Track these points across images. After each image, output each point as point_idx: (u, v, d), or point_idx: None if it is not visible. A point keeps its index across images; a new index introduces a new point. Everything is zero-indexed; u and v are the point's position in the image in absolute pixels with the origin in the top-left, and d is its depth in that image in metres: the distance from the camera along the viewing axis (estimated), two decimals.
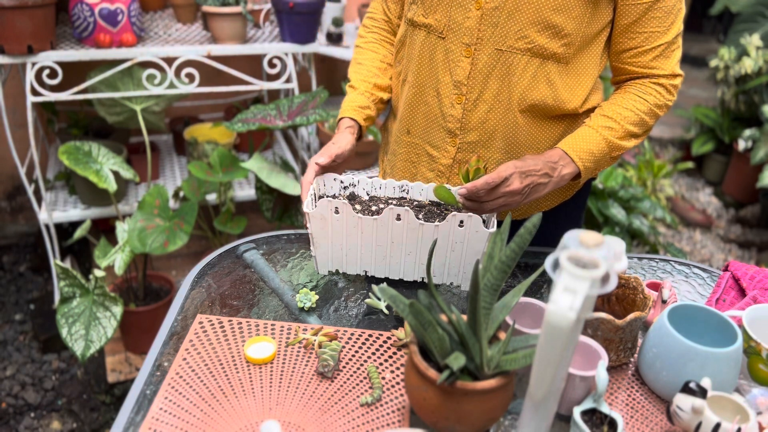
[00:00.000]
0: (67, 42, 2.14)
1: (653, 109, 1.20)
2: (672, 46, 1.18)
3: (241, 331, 1.09)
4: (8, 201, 2.86)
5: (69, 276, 1.85)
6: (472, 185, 1.07)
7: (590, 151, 1.17)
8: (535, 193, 1.14)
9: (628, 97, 1.20)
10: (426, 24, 1.22)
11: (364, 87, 1.32)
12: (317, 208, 1.13)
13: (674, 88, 1.22)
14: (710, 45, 6.12)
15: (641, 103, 1.19)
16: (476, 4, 1.14)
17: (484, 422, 0.84)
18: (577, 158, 1.16)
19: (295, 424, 0.91)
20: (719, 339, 0.99)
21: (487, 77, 1.18)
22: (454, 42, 1.18)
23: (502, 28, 1.14)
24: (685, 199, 3.80)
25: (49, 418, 2.11)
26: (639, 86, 1.21)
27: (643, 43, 1.17)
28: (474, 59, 1.18)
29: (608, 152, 1.19)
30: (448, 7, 1.17)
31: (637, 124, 1.19)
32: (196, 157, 2.46)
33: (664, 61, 1.19)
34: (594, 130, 1.18)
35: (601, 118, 1.19)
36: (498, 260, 0.85)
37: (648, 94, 1.20)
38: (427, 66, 1.24)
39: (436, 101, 1.24)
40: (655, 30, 1.16)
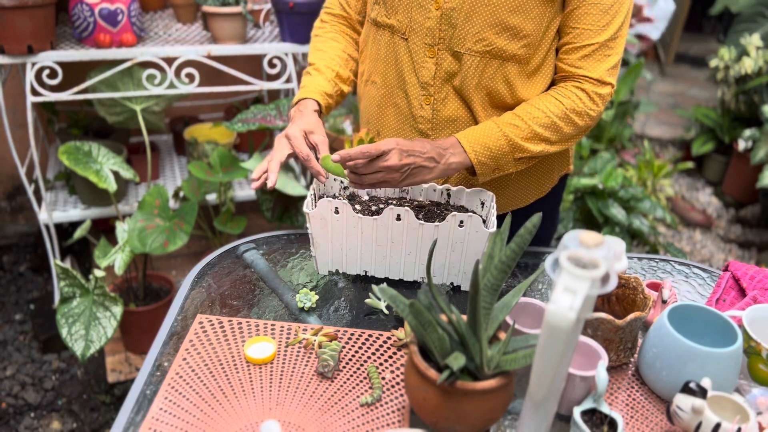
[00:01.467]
0: (67, 42, 2.14)
1: (568, 114, 1.14)
2: (605, 49, 1.13)
3: (241, 331, 1.09)
4: (8, 201, 2.86)
5: (69, 276, 1.85)
6: (345, 152, 1.04)
7: (486, 145, 1.13)
8: (417, 176, 1.10)
9: (544, 98, 1.16)
10: (389, 24, 1.21)
11: (330, 74, 1.27)
12: (317, 208, 1.13)
13: (599, 97, 1.15)
14: (710, 45, 6.13)
15: (556, 105, 1.14)
16: (435, 4, 1.14)
17: (484, 422, 0.84)
18: (471, 149, 1.13)
19: (295, 424, 0.91)
20: (719, 339, 0.99)
21: (450, 78, 1.18)
22: (417, 43, 1.18)
23: (461, 30, 1.14)
24: (685, 199, 3.80)
25: (49, 418, 2.11)
26: (559, 89, 1.17)
27: (574, 39, 1.14)
28: (438, 59, 1.17)
29: (509, 151, 1.14)
30: (408, 8, 1.17)
31: (547, 126, 1.14)
32: (196, 157, 2.46)
33: (592, 63, 1.14)
34: (496, 126, 1.14)
35: (510, 115, 1.16)
36: (498, 260, 0.85)
37: (565, 97, 1.15)
38: (393, 67, 1.23)
39: (405, 102, 1.24)
40: (588, 28, 1.12)
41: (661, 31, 3.53)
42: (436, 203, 1.23)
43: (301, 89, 1.26)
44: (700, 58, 5.73)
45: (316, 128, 1.17)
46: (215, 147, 2.40)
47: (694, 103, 4.72)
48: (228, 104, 2.93)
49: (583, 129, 1.17)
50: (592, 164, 2.81)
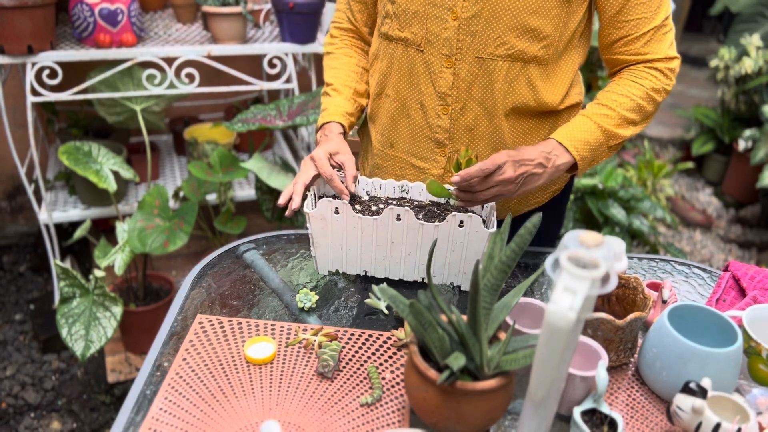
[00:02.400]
0: (67, 42, 2.14)
1: (650, 94, 1.17)
2: (662, 29, 1.16)
3: (241, 331, 1.09)
4: (8, 201, 2.86)
5: (69, 276, 1.85)
6: (465, 172, 1.06)
7: (585, 140, 1.14)
8: (530, 184, 1.12)
9: (623, 83, 1.18)
10: (403, 38, 1.21)
11: (348, 93, 1.30)
12: (317, 208, 1.13)
13: (671, 71, 1.18)
14: (710, 45, 6.12)
15: (637, 88, 1.16)
16: (452, 14, 1.14)
17: (484, 422, 0.84)
18: (572, 148, 1.14)
19: (295, 424, 0.91)
20: (719, 339, 0.99)
21: (470, 85, 1.18)
22: (434, 54, 1.18)
23: (481, 36, 1.14)
24: (685, 199, 3.80)
25: (49, 418, 2.11)
26: (634, 72, 1.18)
27: (632, 31, 1.15)
28: (456, 69, 1.17)
29: (605, 141, 1.16)
30: (424, 20, 1.17)
31: (633, 110, 1.16)
32: (196, 157, 2.46)
33: (656, 46, 1.16)
34: (589, 119, 1.15)
35: (596, 106, 1.17)
36: (498, 260, 0.85)
37: (643, 78, 1.17)
38: (407, 79, 1.23)
39: (420, 114, 1.24)
40: (642, 16, 1.14)
41: None
42: (436, 203, 1.23)
43: (323, 112, 1.28)
44: (700, 58, 5.73)
45: (341, 149, 1.19)
46: (215, 147, 2.40)
47: (694, 103, 4.72)
48: (228, 104, 2.93)
49: (659, 106, 1.20)
50: None
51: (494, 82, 1.17)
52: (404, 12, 1.19)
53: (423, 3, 1.16)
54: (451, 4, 1.13)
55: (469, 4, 1.12)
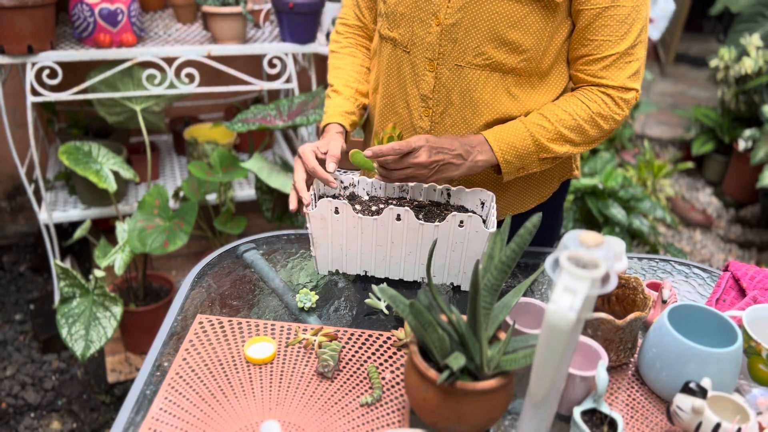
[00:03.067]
0: (67, 42, 2.14)
1: (594, 118, 1.15)
2: (626, 57, 1.13)
3: (241, 331, 1.09)
4: (8, 201, 2.86)
5: (69, 276, 1.85)
6: (378, 148, 1.08)
7: (512, 144, 1.14)
8: (445, 172, 1.13)
9: (571, 101, 1.16)
10: (392, 38, 1.23)
11: (348, 92, 1.30)
12: (317, 208, 1.13)
13: (624, 102, 1.15)
14: (710, 45, 6.13)
15: (582, 108, 1.15)
16: (436, 20, 1.15)
17: (484, 422, 0.84)
18: (497, 148, 1.14)
19: (295, 424, 0.91)
20: (719, 339, 0.99)
21: (450, 91, 1.19)
22: (418, 56, 1.19)
23: (461, 44, 1.15)
24: (685, 199, 3.80)
25: (49, 418, 2.11)
26: (585, 92, 1.16)
27: (594, 51, 1.13)
28: (437, 74, 1.18)
29: (535, 151, 1.15)
30: (410, 22, 1.18)
31: (573, 129, 1.15)
32: (196, 157, 2.46)
33: (614, 72, 1.13)
34: (523, 125, 1.15)
35: (537, 115, 1.16)
36: (498, 260, 0.85)
37: (591, 101, 1.15)
38: (396, 78, 1.25)
39: (406, 112, 1.25)
40: (607, 39, 1.11)
41: (661, 31, 3.53)
42: (436, 203, 1.23)
43: (324, 116, 1.29)
44: (700, 58, 5.73)
45: (331, 145, 1.18)
46: (215, 147, 2.40)
47: (694, 103, 4.72)
48: (228, 104, 2.93)
49: (607, 132, 1.18)
50: (592, 164, 2.81)
51: (473, 90, 1.18)
52: (393, 13, 1.20)
53: (410, 6, 1.17)
54: (435, 10, 1.14)
55: (451, 11, 1.13)
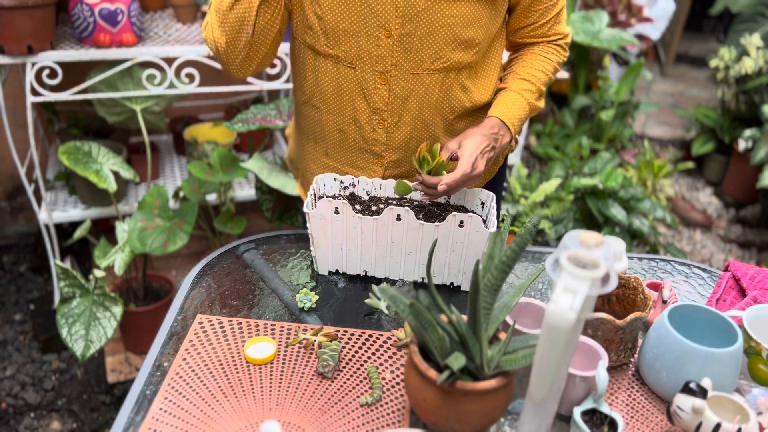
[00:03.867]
0: (67, 42, 2.14)
1: (556, 67, 1.29)
2: (561, 12, 1.26)
3: (241, 331, 1.09)
4: (8, 201, 2.86)
5: (69, 276, 1.85)
6: (452, 180, 1.07)
7: (519, 117, 1.21)
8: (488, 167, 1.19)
9: (536, 58, 1.26)
10: (332, 55, 1.16)
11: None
12: (317, 208, 1.13)
13: (567, 45, 1.31)
14: (710, 45, 6.13)
15: (548, 63, 1.27)
16: (386, 32, 1.11)
17: (484, 422, 0.84)
18: (511, 125, 1.20)
19: (295, 424, 0.91)
20: (719, 339, 0.99)
21: (405, 101, 1.18)
22: (366, 71, 1.15)
23: (416, 53, 1.13)
24: (686, 200, 3.80)
25: (49, 418, 2.11)
26: (542, 48, 1.27)
27: (539, 18, 1.23)
28: (390, 85, 1.16)
29: (529, 113, 1.24)
30: (355, 38, 1.13)
31: (546, 83, 1.27)
32: (196, 157, 2.46)
33: (559, 27, 1.27)
34: (519, 95, 1.22)
35: (520, 81, 1.24)
36: (498, 260, 0.84)
37: (551, 54, 1.27)
38: (338, 95, 1.20)
39: (354, 129, 1.22)
40: (548, 4, 1.22)
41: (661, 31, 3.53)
42: (436, 203, 1.23)
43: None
44: (700, 58, 5.73)
45: None
46: (215, 147, 2.40)
47: (694, 103, 4.72)
48: (228, 104, 2.93)
49: None
50: (592, 164, 2.81)
51: (430, 94, 1.18)
52: (333, 30, 1.13)
53: (354, 20, 1.12)
54: (384, 22, 1.10)
55: (402, 21, 1.10)
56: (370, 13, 1.10)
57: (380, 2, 1.09)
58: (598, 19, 2.96)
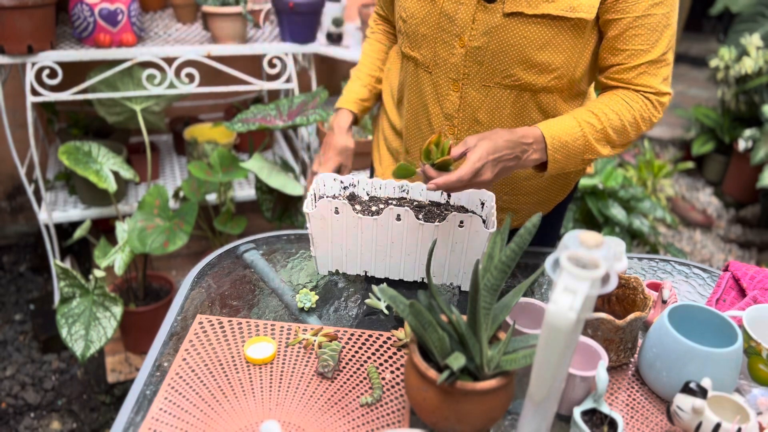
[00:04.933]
0: (67, 42, 2.14)
1: (637, 120, 1.13)
2: (658, 64, 1.11)
3: (241, 331, 1.09)
4: (8, 201, 2.86)
5: (69, 276, 1.85)
6: (443, 181, 1.00)
7: (565, 143, 1.09)
8: (501, 176, 1.07)
9: (615, 100, 1.13)
10: (413, 57, 1.22)
11: (367, 80, 1.37)
12: (317, 208, 1.13)
13: (661, 105, 1.14)
14: (710, 45, 6.13)
15: (627, 109, 1.12)
16: (460, 41, 1.13)
17: (484, 422, 0.84)
18: (551, 146, 1.09)
19: (295, 424, 0.91)
20: (719, 339, 0.99)
21: (476, 110, 1.18)
22: (441, 77, 1.18)
23: (488, 67, 1.13)
24: (686, 200, 3.79)
25: (49, 418, 2.11)
26: (625, 94, 1.13)
27: (626, 60, 1.11)
28: (462, 93, 1.17)
29: (581, 152, 1.11)
30: (433, 44, 1.16)
31: (617, 130, 1.12)
32: (196, 157, 2.46)
33: (648, 79, 1.12)
34: (577, 124, 1.10)
35: (587, 113, 1.12)
36: (498, 260, 0.84)
37: (634, 101, 1.12)
38: (418, 95, 1.24)
39: (429, 130, 1.25)
40: (639, 48, 1.09)
41: None
42: (436, 203, 1.23)
43: (341, 97, 1.37)
44: (700, 58, 5.73)
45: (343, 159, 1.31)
46: (215, 147, 2.40)
47: (695, 103, 4.72)
48: (228, 104, 2.93)
49: (642, 133, 1.17)
50: None
51: (502, 108, 1.17)
52: (414, 33, 1.18)
53: (432, 27, 1.15)
54: (459, 32, 1.12)
55: (477, 34, 1.11)
56: (448, 21, 1.13)
57: (460, 13, 1.11)
58: None
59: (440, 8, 1.13)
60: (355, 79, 1.38)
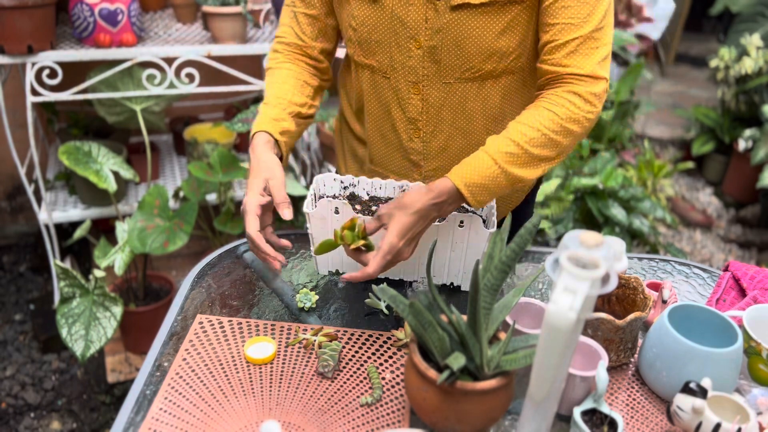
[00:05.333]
0: (67, 42, 2.14)
1: (565, 125, 1.04)
2: (590, 42, 1.03)
3: (241, 331, 1.09)
4: (8, 201, 2.86)
5: (69, 276, 1.85)
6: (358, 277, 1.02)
7: (483, 185, 1.03)
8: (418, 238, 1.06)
9: (537, 112, 1.05)
10: (368, 65, 1.18)
11: (277, 101, 1.19)
12: (317, 208, 1.13)
13: (594, 96, 1.04)
14: (710, 45, 6.12)
15: (550, 119, 1.03)
16: (416, 43, 1.11)
17: (484, 422, 0.84)
18: (468, 193, 1.03)
19: (295, 424, 0.91)
20: (719, 339, 0.99)
21: (440, 110, 1.17)
22: (400, 81, 1.16)
23: (447, 64, 1.12)
24: (686, 199, 3.79)
25: (49, 418, 2.11)
26: (551, 97, 1.05)
27: (556, 36, 1.04)
28: (424, 95, 1.16)
29: (508, 184, 1.05)
30: (388, 49, 1.14)
31: (544, 145, 1.04)
32: (196, 157, 2.46)
33: (580, 59, 1.03)
34: (492, 159, 1.03)
35: (504, 141, 1.04)
36: (498, 260, 0.84)
37: (559, 105, 1.04)
38: (378, 103, 1.22)
39: (394, 135, 1.23)
40: (569, 21, 1.02)
41: (661, 31, 3.53)
42: None
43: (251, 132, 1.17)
44: (700, 58, 5.73)
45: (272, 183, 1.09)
46: (215, 147, 2.40)
47: (695, 103, 4.72)
48: (228, 104, 2.93)
49: (582, 134, 1.08)
50: (592, 164, 2.81)
51: (465, 102, 1.16)
52: (367, 40, 1.15)
53: (385, 32, 1.12)
54: (413, 34, 1.10)
55: (431, 33, 1.09)
56: (400, 25, 1.11)
57: (411, 14, 1.09)
58: None
59: (390, 12, 1.10)
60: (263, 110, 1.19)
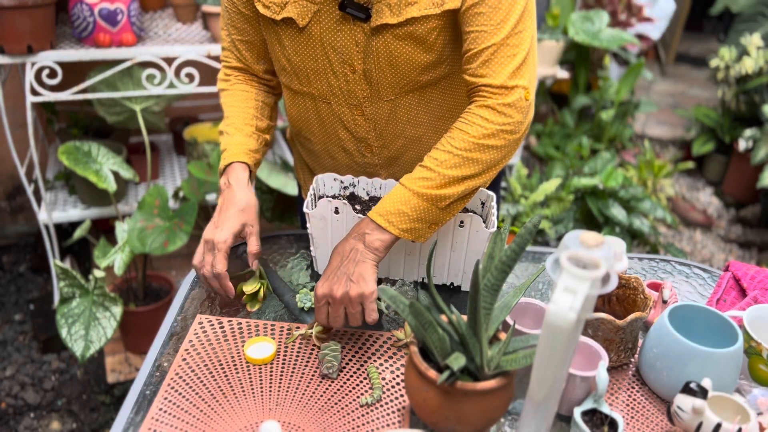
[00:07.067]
0: (67, 42, 2.14)
1: (479, 143, 1.00)
2: (505, 49, 0.99)
3: (241, 331, 1.09)
4: (8, 201, 2.86)
5: (69, 276, 1.85)
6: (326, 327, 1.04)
7: (401, 212, 1.01)
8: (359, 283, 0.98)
9: (451, 134, 1.03)
10: (307, 92, 1.17)
11: (249, 130, 1.20)
12: (317, 208, 1.12)
13: (508, 107, 0.99)
14: (710, 45, 6.13)
15: (462, 139, 1.00)
16: (351, 68, 1.11)
17: (484, 422, 0.84)
18: (386, 223, 1.01)
19: (295, 424, 0.91)
20: (720, 339, 0.99)
21: (387, 124, 1.17)
22: (342, 105, 1.16)
23: (384, 84, 1.12)
24: (686, 199, 3.79)
25: (48, 419, 2.11)
26: (465, 116, 1.03)
27: (471, 44, 1.00)
28: (367, 115, 1.16)
29: (430, 206, 1.01)
30: (324, 76, 1.13)
31: (460, 165, 1.00)
32: (196, 157, 2.46)
33: (494, 68, 0.99)
34: (404, 188, 1.02)
35: (419, 168, 1.03)
36: (498, 260, 0.84)
37: (470, 124, 1.01)
38: (321, 128, 1.21)
39: (344, 155, 1.24)
40: (482, 29, 0.98)
41: (661, 31, 3.53)
42: None
43: (224, 153, 1.17)
44: (700, 58, 5.73)
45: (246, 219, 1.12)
46: (215, 147, 2.40)
47: (695, 103, 4.72)
48: None
49: (506, 147, 1.02)
50: (592, 164, 2.81)
51: (410, 112, 1.16)
52: (302, 70, 1.14)
53: (320, 60, 1.11)
54: (346, 59, 1.10)
55: (363, 56, 1.09)
56: (333, 51, 1.09)
57: (340, 40, 1.08)
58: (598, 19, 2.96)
59: (320, 39, 1.08)
60: (234, 132, 1.18)
